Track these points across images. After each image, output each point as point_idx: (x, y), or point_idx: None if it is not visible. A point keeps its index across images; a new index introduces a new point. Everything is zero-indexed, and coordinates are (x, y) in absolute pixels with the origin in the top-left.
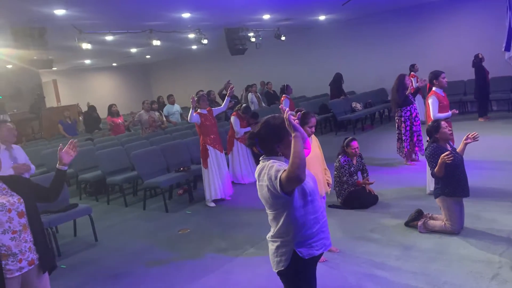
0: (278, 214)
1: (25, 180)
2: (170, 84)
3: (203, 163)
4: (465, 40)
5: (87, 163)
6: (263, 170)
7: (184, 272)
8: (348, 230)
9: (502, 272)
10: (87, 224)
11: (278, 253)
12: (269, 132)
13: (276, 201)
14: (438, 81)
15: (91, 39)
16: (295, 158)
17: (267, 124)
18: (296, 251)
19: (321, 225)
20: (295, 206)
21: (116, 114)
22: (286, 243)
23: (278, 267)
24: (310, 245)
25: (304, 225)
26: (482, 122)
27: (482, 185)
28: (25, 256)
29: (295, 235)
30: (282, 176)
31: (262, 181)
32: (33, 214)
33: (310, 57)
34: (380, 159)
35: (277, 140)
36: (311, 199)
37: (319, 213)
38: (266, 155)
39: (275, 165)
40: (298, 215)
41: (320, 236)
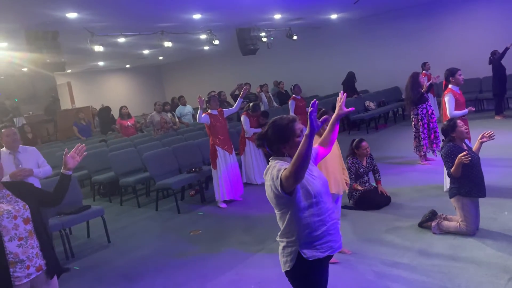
0: (283, 214)
1: (29, 185)
2: (183, 85)
3: (212, 164)
4: (480, 37)
5: (100, 165)
6: (268, 170)
7: (196, 272)
8: (360, 231)
9: None
10: (100, 225)
11: (284, 253)
12: (275, 133)
13: (279, 200)
14: (454, 78)
15: (103, 41)
16: (297, 159)
17: (273, 125)
18: (300, 252)
19: (328, 228)
20: (298, 207)
21: (126, 116)
22: (291, 243)
23: (285, 267)
24: (315, 247)
25: (308, 226)
26: (499, 120)
27: (498, 184)
28: (32, 262)
29: (299, 236)
30: (282, 175)
31: (267, 181)
32: (38, 219)
33: (322, 56)
34: (394, 158)
35: (283, 141)
36: (316, 200)
37: (325, 215)
38: (274, 156)
39: (278, 165)
40: (301, 216)
41: (327, 239)
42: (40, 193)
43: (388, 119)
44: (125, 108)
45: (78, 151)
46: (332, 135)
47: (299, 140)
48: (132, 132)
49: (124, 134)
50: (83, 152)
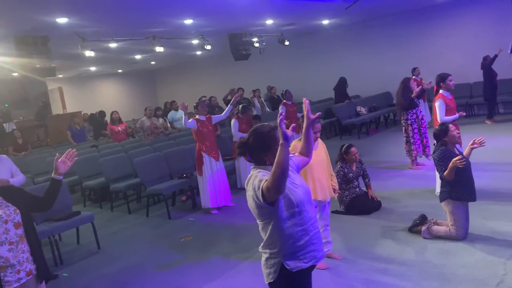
0: (265, 225)
1: (19, 190)
2: (175, 90)
3: (198, 170)
4: (471, 43)
5: (91, 170)
6: (250, 180)
7: (186, 279)
8: (350, 236)
9: (507, 279)
10: (90, 231)
11: (267, 264)
12: (257, 141)
13: (261, 211)
14: (445, 84)
15: (94, 46)
16: (277, 168)
17: (255, 133)
18: (283, 264)
19: (311, 237)
20: (280, 217)
21: (117, 121)
22: (274, 255)
23: (268, 279)
24: (298, 258)
25: (291, 237)
26: (489, 124)
27: (488, 188)
28: (23, 267)
29: (282, 247)
30: (263, 186)
31: (249, 191)
32: (29, 224)
33: (314, 62)
34: (385, 163)
35: (264, 149)
36: (298, 210)
37: (308, 224)
38: (256, 164)
39: (259, 174)
40: (284, 226)
41: (310, 249)
42: (30, 198)
43: (379, 124)
44: (116, 113)
45: (69, 156)
46: (308, 144)
47: None
48: (123, 137)
49: (114, 139)
50: (74, 157)
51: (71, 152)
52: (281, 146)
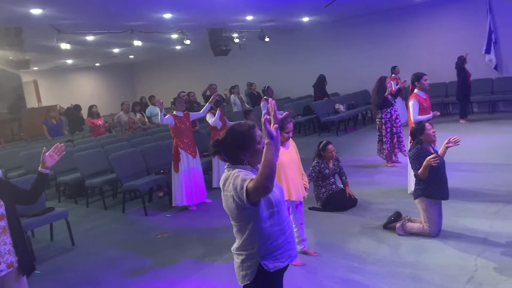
0: (243, 226)
1: (5, 182)
2: (154, 84)
3: (174, 167)
4: (447, 43)
5: (66, 165)
6: (228, 180)
7: (161, 277)
8: (326, 233)
9: (477, 275)
10: (65, 227)
11: (243, 266)
12: (234, 140)
13: (242, 212)
14: (420, 83)
15: (70, 39)
16: (266, 168)
17: (232, 131)
18: (261, 264)
19: (287, 236)
20: (260, 217)
21: (96, 115)
22: (251, 256)
23: (244, 281)
24: (275, 258)
25: (270, 236)
26: (463, 123)
27: (461, 187)
28: (4, 259)
29: (260, 248)
30: (249, 186)
31: (227, 191)
32: (13, 216)
33: (294, 59)
34: (362, 161)
35: (242, 148)
36: (277, 209)
37: (285, 224)
38: (232, 164)
39: (241, 174)
40: (263, 226)
41: (286, 248)
42: (16, 191)
43: (357, 122)
44: (95, 107)
45: (56, 151)
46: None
47: (259, 147)
48: (103, 131)
49: (94, 133)
50: (62, 152)
51: (59, 147)
52: (267, 145)
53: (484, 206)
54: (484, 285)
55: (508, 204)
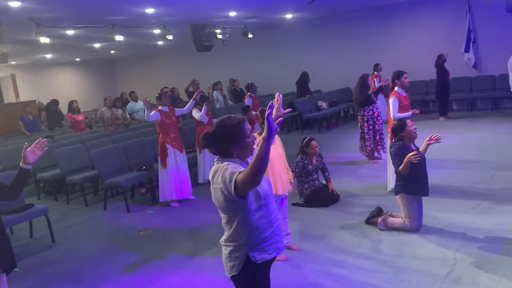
0: (231, 218)
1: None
2: (136, 80)
3: (161, 162)
4: (428, 41)
5: (46, 162)
6: (217, 172)
7: (143, 274)
8: (309, 228)
9: (456, 268)
10: (44, 225)
11: (231, 257)
12: (224, 133)
13: (230, 204)
14: (400, 81)
15: (50, 33)
16: (257, 162)
17: (222, 125)
18: (249, 255)
19: (275, 229)
20: (249, 210)
21: (76, 111)
22: (239, 247)
23: (232, 272)
24: (263, 249)
25: (258, 229)
26: (443, 121)
27: (440, 183)
28: None
29: (248, 239)
30: (238, 179)
31: (216, 183)
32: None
33: (277, 55)
34: (344, 157)
35: (232, 142)
36: (265, 202)
37: (272, 216)
38: (221, 157)
39: (230, 167)
40: (251, 218)
41: (273, 240)
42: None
43: (340, 119)
44: (76, 102)
45: (38, 146)
46: None
47: (249, 141)
48: (83, 127)
49: (75, 129)
50: (44, 147)
51: (41, 142)
52: (262, 140)
53: (463, 202)
54: (463, 278)
55: (486, 200)
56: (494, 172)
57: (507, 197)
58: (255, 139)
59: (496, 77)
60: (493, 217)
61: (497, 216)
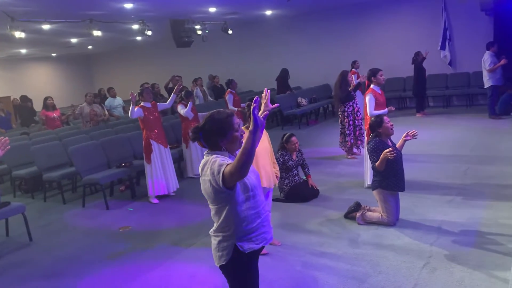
0: (220, 209)
1: None
2: (114, 76)
3: (146, 158)
4: (405, 39)
5: (22, 159)
6: (206, 165)
7: (123, 270)
8: (290, 223)
9: (432, 261)
10: (21, 223)
11: (219, 247)
12: (213, 127)
13: (218, 195)
14: (376, 78)
15: (25, 27)
16: (243, 155)
17: (211, 119)
18: (237, 245)
19: (262, 220)
20: (236, 201)
21: (51, 108)
22: (227, 237)
23: (220, 262)
24: (250, 240)
25: (245, 219)
26: (419, 117)
27: (417, 178)
28: None
29: (236, 230)
30: (226, 171)
31: (205, 175)
32: None
33: (257, 52)
34: (323, 153)
35: (221, 135)
36: (252, 194)
37: (260, 208)
38: (210, 150)
39: (218, 159)
40: (239, 209)
41: (261, 231)
42: None
43: (319, 115)
44: (51, 99)
45: (1, 145)
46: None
47: (237, 135)
48: (58, 124)
49: (49, 126)
50: (7, 146)
51: (3, 140)
52: (249, 134)
53: (438, 196)
54: (438, 270)
55: (460, 194)
56: (468, 166)
57: (480, 192)
58: (244, 133)
59: (471, 74)
60: (466, 211)
61: (471, 210)
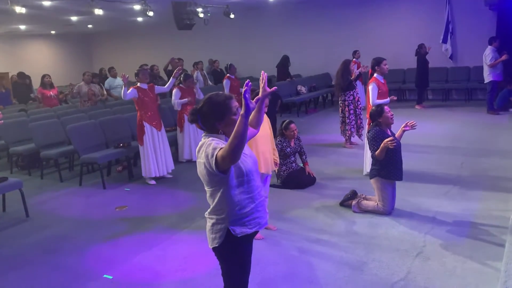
0: (214, 191)
1: None
2: (113, 57)
3: (139, 140)
4: (407, 31)
5: (20, 135)
6: (202, 147)
7: (119, 249)
8: (286, 209)
9: (425, 250)
10: (18, 199)
11: (213, 230)
12: (211, 109)
13: (212, 178)
14: (379, 68)
15: (26, 2)
16: (234, 138)
17: (209, 101)
18: (229, 229)
19: (257, 205)
20: (230, 185)
21: (49, 86)
22: (221, 220)
23: (213, 244)
24: (243, 224)
25: (238, 204)
26: (419, 109)
27: (414, 169)
28: None
29: (229, 213)
30: (218, 154)
31: (200, 158)
32: None
33: (258, 38)
34: (321, 141)
35: (218, 118)
36: (247, 179)
37: (255, 193)
38: (207, 132)
39: (213, 142)
40: (232, 193)
41: (255, 215)
42: None
43: (318, 104)
44: (48, 77)
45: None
46: (259, 116)
47: (234, 118)
48: (55, 103)
49: (45, 104)
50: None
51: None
52: (241, 117)
53: (434, 187)
54: (431, 259)
55: (456, 186)
56: (465, 159)
57: (475, 184)
58: None
59: (471, 68)
60: (461, 203)
61: (466, 201)
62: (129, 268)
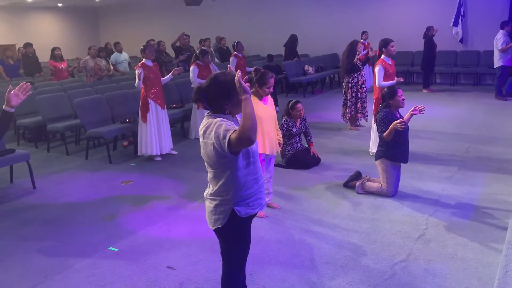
0: (219, 173)
1: None
2: (120, 31)
3: (142, 117)
4: (417, 13)
5: (26, 108)
6: (209, 128)
7: (124, 223)
8: (289, 188)
9: (427, 233)
10: (25, 171)
11: (216, 211)
12: (218, 89)
13: (220, 160)
14: (386, 49)
15: None
16: (247, 120)
17: (216, 80)
18: (234, 210)
19: (260, 186)
20: (238, 166)
21: (59, 59)
22: (225, 201)
23: (216, 225)
24: (247, 205)
25: (244, 185)
26: (426, 93)
27: (419, 152)
28: None
29: (235, 194)
30: (232, 137)
31: (208, 138)
32: None
33: (266, 16)
34: (326, 123)
35: (226, 97)
36: (253, 160)
37: (259, 174)
38: (213, 112)
39: (224, 124)
40: (240, 175)
41: (258, 196)
42: None
43: (325, 85)
44: (59, 49)
45: (22, 90)
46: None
47: (242, 99)
48: (65, 76)
49: (56, 77)
50: (28, 91)
51: (25, 86)
52: (245, 100)
53: (439, 171)
54: (433, 242)
55: (460, 170)
56: (470, 145)
57: (480, 169)
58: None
59: (481, 53)
60: (465, 187)
61: (469, 186)
62: (134, 241)
